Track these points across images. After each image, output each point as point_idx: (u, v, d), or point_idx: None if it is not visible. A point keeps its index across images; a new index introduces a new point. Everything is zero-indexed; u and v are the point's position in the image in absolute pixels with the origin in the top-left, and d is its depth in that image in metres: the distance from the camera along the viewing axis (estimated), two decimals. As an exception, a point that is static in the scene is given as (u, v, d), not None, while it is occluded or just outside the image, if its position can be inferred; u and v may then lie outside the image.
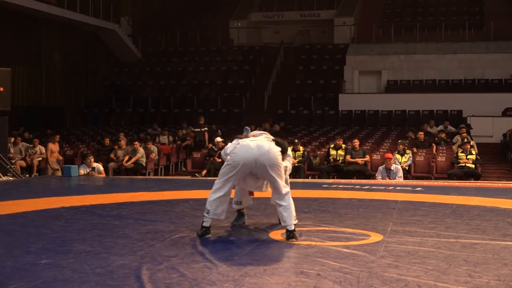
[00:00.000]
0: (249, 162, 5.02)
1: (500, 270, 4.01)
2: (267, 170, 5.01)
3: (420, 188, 9.70)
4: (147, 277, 3.74)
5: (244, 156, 5.02)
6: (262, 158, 4.99)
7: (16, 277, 3.73)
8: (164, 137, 17.69)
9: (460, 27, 24.19)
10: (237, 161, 5.05)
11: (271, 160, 5.01)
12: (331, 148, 14.05)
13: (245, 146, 5.07)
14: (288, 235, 5.01)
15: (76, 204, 7.21)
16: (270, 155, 5.02)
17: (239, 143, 5.14)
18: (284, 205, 5.04)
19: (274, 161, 5.02)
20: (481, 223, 6.04)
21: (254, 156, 5.00)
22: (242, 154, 5.04)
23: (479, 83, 21.78)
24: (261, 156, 4.99)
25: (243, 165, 5.03)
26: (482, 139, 17.50)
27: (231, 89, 23.16)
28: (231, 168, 5.08)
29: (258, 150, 5.01)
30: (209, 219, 5.11)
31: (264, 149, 5.02)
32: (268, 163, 5.00)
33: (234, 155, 5.08)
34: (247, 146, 5.07)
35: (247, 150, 5.04)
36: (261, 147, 5.03)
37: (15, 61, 19.71)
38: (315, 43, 26.48)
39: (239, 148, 5.09)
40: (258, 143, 5.07)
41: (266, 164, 5.00)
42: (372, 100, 21.43)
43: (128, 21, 26.43)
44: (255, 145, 5.05)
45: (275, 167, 5.03)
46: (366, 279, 3.74)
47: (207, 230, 5.11)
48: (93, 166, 12.69)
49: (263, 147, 5.03)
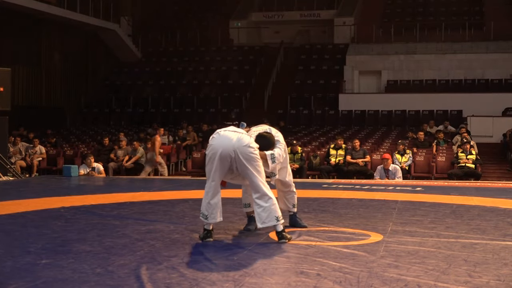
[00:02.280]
0: (226, 151, 4.80)
1: (500, 270, 4.01)
2: (245, 167, 4.79)
3: (420, 188, 9.70)
4: (147, 277, 3.74)
5: (222, 145, 4.82)
6: (239, 151, 4.78)
7: (16, 277, 3.73)
8: (164, 137, 17.70)
9: (460, 27, 24.18)
10: (214, 152, 4.85)
11: (245, 151, 4.79)
12: (331, 148, 14.05)
13: (223, 136, 4.88)
14: (278, 236, 4.89)
15: (76, 204, 7.21)
16: (243, 144, 4.79)
17: (218, 133, 4.95)
18: (264, 206, 4.83)
19: (249, 152, 4.79)
20: (481, 223, 6.04)
21: (232, 146, 4.79)
22: (218, 144, 4.85)
23: (479, 83, 21.78)
24: (238, 149, 4.78)
25: (221, 154, 4.81)
26: (482, 139, 17.49)
27: (231, 89, 23.16)
28: (211, 161, 4.88)
29: (238, 140, 4.81)
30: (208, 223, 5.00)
31: (234, 138, 4.81)
32: (246, 158, 4.79)
33: (211, 146, 4.91)
34: (224, 135, 4.88)
35: (224, 139, 4.84)
36: (240, 139, 4.81)
37: (15, 61, 19.71)
38: (315, 43, 26.48)
39: (215, 138, 4.91)
40: (238, 134, 4.86)
41: (243, 156, 4.79)
42: (372, 100, 21.43)
43: (128, 21, 26.43)
44: (235, 135, 4.85)
45: (253, 163, 4.80)
46: (366, 279, 3.74)
47: (208, 233, 4.99)
48: (93, 166, 12.69)
49: (241, 140, 4.81)
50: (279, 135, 5.40)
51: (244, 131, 5.02)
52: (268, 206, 4.84)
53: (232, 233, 5.34)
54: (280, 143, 5.31)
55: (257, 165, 4.87)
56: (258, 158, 4.89)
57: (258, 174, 4.85)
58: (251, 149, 4.85)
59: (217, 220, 4.99)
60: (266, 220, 4.85)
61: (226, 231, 5.40)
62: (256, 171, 4.85)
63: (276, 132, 5.39)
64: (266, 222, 4.86)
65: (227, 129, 4.97)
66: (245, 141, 4.85)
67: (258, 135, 5.19)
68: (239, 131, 4.96)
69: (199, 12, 29.74)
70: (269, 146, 5.16)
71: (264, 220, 4.85)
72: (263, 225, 4.88)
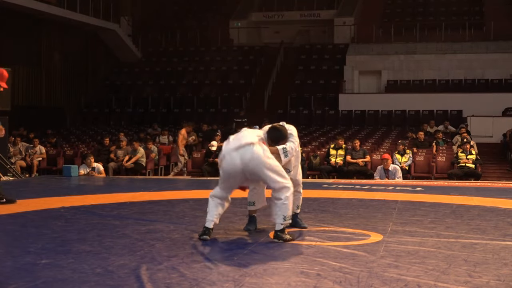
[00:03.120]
0: (237, 174, 4.91)
1: (500, 270, 4.01)
2: (258, 174, 4.87)
3: (420, 188, 9.70)
4: (147, 277, 3.73)
5: (230, 169, 4.91)
6: (248, 168, 4.84)
7: (16, 277, 3.73)
8: (164, 137, 17.70)
9: (460, 27, 24.19)
10: (225, 173, 4.97)
11: (257, 166, 4.82)
12: (331, 148, 14.04)
13: (228, 160, 4.90)
14: (275, 235, 4.94)
15: (76, 204, 7.21)
16: (256, 163, 4.82)
17: (223, 154, 4.97)
18: (276, 202, 4.89)
19: (261, 165, 4.82)
20: (481, 223, 6.04)
21: (239, 167, 4.85)
22: (228, 167, 4.92)
23: (479, 83, 21.78)
24: (246, 167, 4.84)
25: (233, 177, 4.94)
26: (482, 139, 17.50)
27: (231, 89, 23.17)
28: (224, 179, 5.02)
29: (241, 162, 4.84)
30: (209, 221, 5.03)
31: (246, 159, 4.82)
32: (256, 170, 4.84)
33: (222, 168, 4.99)
34: (230, 159, 4.89)
35: (230, 163, 4.89)
36: (243, 157, 4.82)
37: (15, 61, 19.70)
38: (315, 43, 26.48)
39: (224, 160, 4.95)
40: (241, 152, 4.84)
41: (254, 172, 4.86)
42: (372, 100, 21.43)
43: (128, 21, 26.43)
44: (238, 154, 4.85)
45: (264, 167, 4.83)
46: (366, 279, 3.74)
47: (206, 231, 5.00)
48: (93, 166, 12.69)
49: (245, 157, 4.82)
50: (292, 129, 5.37)
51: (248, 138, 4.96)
52: (281, 202, 4.89)
53: (232, 233, 5.33)
54: (293, 137, 5.29)
55: (270, 167, 4.86)
56: (267, 164, 4.86)
57: (273, 173, 4.86)
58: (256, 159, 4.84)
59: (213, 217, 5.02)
60: (275, 216, 4.94)
61: (226, 231, 5.39)
62: (269, 174, 4.86)
63: (289, 126, 5.37)
64: (274, 218, 4.95)
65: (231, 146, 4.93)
66: (248, 155, 4.84)
67: (271, 127, 5.22)
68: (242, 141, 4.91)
69: (199, 12, 29.74)
70: (281, 138, 5.16)
71: (274, 216, 4.95)
72: (272, 219, 4.98)
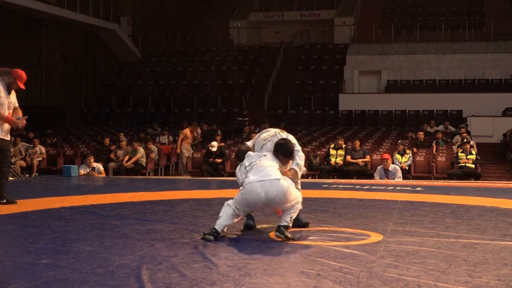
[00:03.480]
0: (259, 205, 5.00)
1: (500, 270, 4.01)
2: (280, 204, 4.96)
3: (420, 188, 9.70)
4: (147, 277, 3.73)
5: (253, 202, 4.96)
6: (272, 202, 4.92)
7: (16, 277, 3.73)
8: (164, 137, 17.71)
9: (460, 27, 24.21)
10: (246, 203, 4.98)
11: (282, 201, 4.92)
12: (331, 148, 14.04)
13: (251, 191, 4.92)
14: (277, 229, 4.95)
15: (76, 204, 7.21)
16: (280, 198, 4.90)
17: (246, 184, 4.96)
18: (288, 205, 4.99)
19: (285, 199, 4.92)
20: (481, 223, 6.04)
21: (264, 201, 4.93)
22: (251, 200, 4.96)
23: (479, 83, 21.79)
24: (270, 201, 4.91)
25: (253, 205, 5.02)
26: (482, 139, 17.51)
27: (231, 89, 23.17)
28: (243, 204, 5.02)
29: (266, 196, 4.89)
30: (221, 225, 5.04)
31: (272, 194, 4.87)
32: (280, 203, 4.94)
33: (243, 198, 4.99)
34: (253, 190, 4.91)
35: (255, 196, 4.91)
36: (269, 192, 4.87)
37: (15, 61, 19.69)
38: (315, 43, 26.49)
39: (246, 191, 4.95)
40: (266, 187, 4.88)
41: (278, 203, 4.95)
42: (372, 100, 21.44)
43: (128, 21, 26.44)
44: (263, 190, 4.88)
45: (288, 199, 4.94)
46: (366, 279, 3.74)
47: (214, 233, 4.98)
48: (93, 166, 12.70)
49: (271, 192, 4.87)
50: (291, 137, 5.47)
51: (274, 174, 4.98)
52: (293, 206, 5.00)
53: (232, 233, 5.33)
54: (296, 145, 5.40)
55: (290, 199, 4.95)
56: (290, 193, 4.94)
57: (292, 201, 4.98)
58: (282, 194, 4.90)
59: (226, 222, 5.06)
60: (283, 217, 4.99)
61: (225, 232, 5.39)
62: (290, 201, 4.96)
63: (287, 136, 5.45)
64: (282, 218, 4.99)
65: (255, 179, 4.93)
66: (274, 191, 4.88)
67: (278, 144, 5.25)
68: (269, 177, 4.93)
69: (199, 12, 29.75)
70: (289, 153, 5.25)
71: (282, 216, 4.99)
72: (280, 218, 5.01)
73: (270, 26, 28.39)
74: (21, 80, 7.12)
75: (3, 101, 6.90)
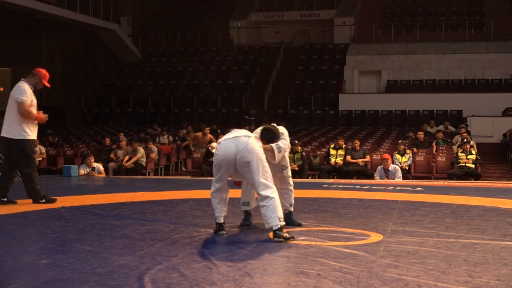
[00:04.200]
0: (230, 159, 5.04)
1: (500, 270, 4.01)
2: (248, 163, 4.96)
3: (420, 188, 9.69)
4: (147, 277, 3.73)
5: (224, 155, 5.07)
6: (240, 155, 4.98)
7: (16, 277, 3.73)
8: (164, 137, 17.71)
9: (460, 27, 24.21)
10: (219, 161, 5.11)
11: (250, 154, 4.96)
12: (331, 148, 14.05)
13: (224, 145, 5.10)
14: (274, 235, 4.93)
15: (76, 204, 7.21)
16: (249, 150, 4.97)
17: (219, 142, 5.20)
18: (266, 205, 4.93)
19: (253, 154, 4.95)
20: (481, 223, 6.04)
21: (233, 153, 5.01)
22: (222, 153, 5.09)
23: (479, 83, 21.80)
24: (239, 153, 4.99)
25: (226, 164, 5.07)
26: (482, 139, 17.51)
27: (231, 89, 23.17)
28: (217, 168, 5.16)
29: (236, 147, 5.01)
30: (218, 217, 5.22)
31: (241, 146, 5.00)
32: (248, 158, 4.96)
33: (216, 156, 5.16)
34: (226, 144, 5.10)
35: (226, 148, 5.07)
36: (238, 145, 5.01)
37: (15, 61, 19.70)
38: (315, 43, 26.49)
39: (219, 148, 5.15)
40: (236, 140, 5.05)
41: (245, 160, 4.97)
42: (372, 100, 21.44)
43: (128, 21, 26.44)
44: (234, 142, 5.05)
45: (256, 157, 4.97)
46: (366, 279, 3.74)
47: (220, 226, 5.21)
48: (93, 166, 12.70)
49: (240, 145, 5.01)
50: (283, 129, 5.61)
51: (244, 132, 5.17)
52: (270, 205, 4.92)
53: (232, 233, 5.34)
54: (284, 135, 5.53)
55: (258, 166, 4.98)
56: (259, 159, 4.99)
57: (261, 174, 4.97)
58: (250, 150, 4.99)
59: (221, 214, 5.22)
60: (269, 220, 4.93)
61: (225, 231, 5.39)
62: (258, 170, 4.97)
63: (280, 127, 5.58)
64: (269, 223, 4.94)
65: (228, 137, 5.17)
66: (242, 144, 5.02)
67: (263, 128, 5.41)
68: (239, 134, 5.13)
69: (199, 12, 29.75)
70: (274, 138, 5.37)
71: (268, 221, 4.94)
72: (268, 225, 4.97)
73: (270, 26, 28.39)
74: (45, 78, 7.45)
75: (34, 102, 7.30)
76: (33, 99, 7.27)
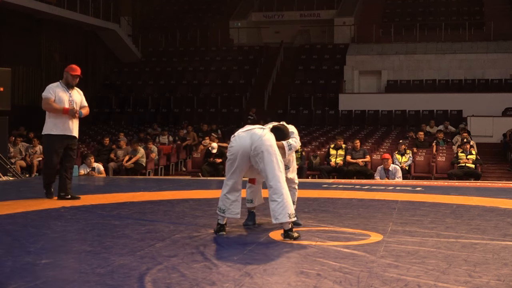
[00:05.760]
0: (245, 151, 5.04)
1: (500, 270, 4.01)
2: (263, 154, 4.97)
3: (420, 188, 9.69)
4: (147, 277, 3.73)
5: (240, 145, 5.07)
6: (255, 146, 5.00)
7: (16, 277, 3.73)
8: (164, 137, 17.71)
9: (460, 27, 24.22)
10: (235, 152, 5.10)
11: (264, 144, 4.98)
12: (331, 148, 14.05)
13: (239, 137, 5.13)
14: (284, 235, 4.97)
15: (76, 204, 7.21)
16: (263, 140, 5.00)
17: (234, 136, 5.21)
18: (278, 200, 4.93)
19: (267, 146, 4.99)
20: (481, 223, 6.04)
21: (248, 144, 5.02)
22: (237, 145, 5.10)
23: (479, 83, 21.80)
24: (254, 144, 5.00)
25: (241, 155, 5.07)
26: (482, 139, 17.51)
27: (231, 89, 23.17)
28: (231, 162, 5.15)
29: (251, 138, 5.04)
30: (222, 217, 5.19)
31: (255, 138, 5.02)
32: (262, 149, 4.97)
33: (231, 148, 5.16)
34: (240, 136, 5.13)
35: (241, 140, 5.09)
36: (253, 137, 5.05)
37: (15, 61, 19.70)
38: (315, 43, 26.49)
39: (233, 140, 5.16)
40: (251, 131, 5.12)
41: (260, 150, 4.98)
42: (372, 100, 21.44)
43: (128, 21, 26.44)
44: (248, 134, 5.09)
45: (270, 148, 5.00)
46: (366, 279, 3.74)
47: (221, 227, 5.20)
48: (93, 166, 12.70)
49: (255, 137, 5.04)
50: (293, 128, 5.63)
51: (257, 126, 5.26)
52: (282, 201, 4.93)
53: (232, 233, 5.34)
54: (294, 134, 5.57)
55: (272, 157, 5.01)
56: (273, 151, 5.03)
57: (275, 165, 4.99)
58: (266, 141, 5.03)
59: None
60: (279, 217, 4.93)
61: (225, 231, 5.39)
62: (272, 162, 4.99)
63: (290, 126, 5.61)
64: (279, 218, 4.94)
65: (242, 130, 5.22)
66: (257, 136, 5.05)
67: (273, 127, 5.40)
68: (253, 127, 5.21)
69: (199, 12, 29.75)
70: (284, 136, 5.39)
71: (277, 216, 4.94)
72: (276, 221, 4.96)
73: (270, 26, 28.40)
74: (73, 70, 7.80)
75: (62, 97, 7.64)
76: (61, 96, 7.65)
